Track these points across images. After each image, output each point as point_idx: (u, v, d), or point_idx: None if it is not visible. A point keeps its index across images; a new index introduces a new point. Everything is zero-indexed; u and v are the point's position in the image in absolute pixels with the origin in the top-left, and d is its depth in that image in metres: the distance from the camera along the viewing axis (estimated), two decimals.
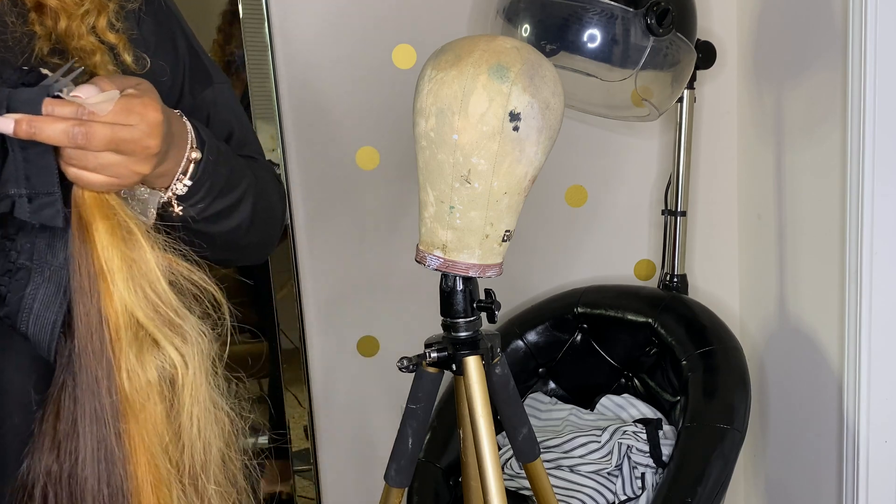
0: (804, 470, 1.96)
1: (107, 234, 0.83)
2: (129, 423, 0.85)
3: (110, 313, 0.83)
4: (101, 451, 0.85)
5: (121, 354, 0.84)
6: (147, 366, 0.85)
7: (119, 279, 0.83)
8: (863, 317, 1.66)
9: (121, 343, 0.84)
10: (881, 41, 1.55)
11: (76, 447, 0.85)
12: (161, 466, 0.87)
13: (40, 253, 0.85)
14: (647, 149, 2.14)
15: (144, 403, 0.86)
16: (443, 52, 1.21)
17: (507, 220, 1.24)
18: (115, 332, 0.84)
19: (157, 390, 0.86)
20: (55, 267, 0.85)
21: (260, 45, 1.97)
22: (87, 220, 0.83)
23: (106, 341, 0.84)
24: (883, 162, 1.59)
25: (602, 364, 2.05)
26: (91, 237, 0.83)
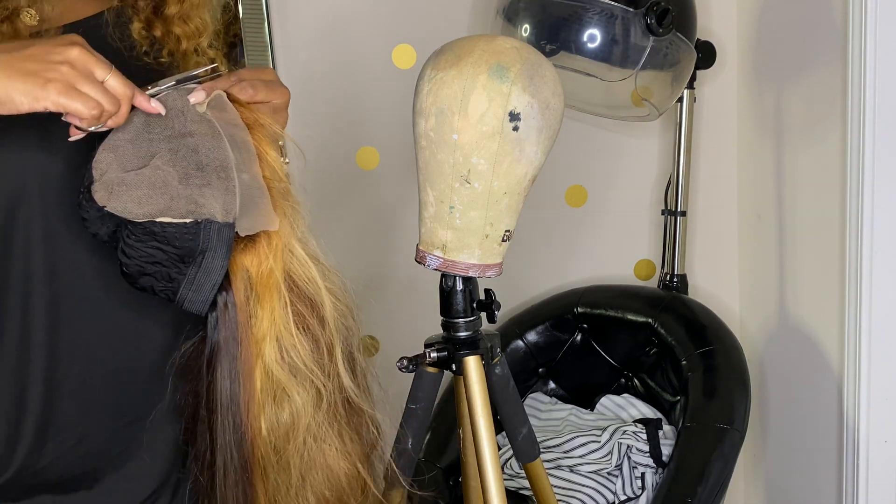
0: (804, 470, 1.96)
1: (269, 315, 0.95)
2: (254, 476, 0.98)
3: (256, 376, 0.95)
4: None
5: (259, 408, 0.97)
6: (283, 412, 0.98)
7: (268, 346, 0.95)
8: (863, 317, 1.66)
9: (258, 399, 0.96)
10: (881, 41, 1.55)
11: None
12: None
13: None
14: (647, 149, 2.14)
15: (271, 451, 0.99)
16: (442, 52, 1.21)
17: (507, 220, 1.24)
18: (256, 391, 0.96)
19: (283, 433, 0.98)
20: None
21: (260, 45, 1.97)
22: (258, 294, 0.95)
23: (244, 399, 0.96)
24: (883, 162, 1.59)
25: (602, 364, 2.05)
26: (256, 313, 0.95)
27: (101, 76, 0.85)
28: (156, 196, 0.87)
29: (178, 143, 0.90)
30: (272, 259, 0.95)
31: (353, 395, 1.02)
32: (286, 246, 0.96)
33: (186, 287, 0.91)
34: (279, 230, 0.95)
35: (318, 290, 0.99)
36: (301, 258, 0.98)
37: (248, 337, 0.95)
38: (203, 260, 0.90)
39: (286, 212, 0.97)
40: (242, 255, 0.94)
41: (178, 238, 0.88)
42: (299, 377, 0.97)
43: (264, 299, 0.95)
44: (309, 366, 0.97)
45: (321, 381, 0.98)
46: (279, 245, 0.95)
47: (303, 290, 0.98)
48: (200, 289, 0.92)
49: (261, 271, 0.94)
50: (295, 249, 0.97)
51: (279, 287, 0.95)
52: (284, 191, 0.98)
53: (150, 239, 0.88)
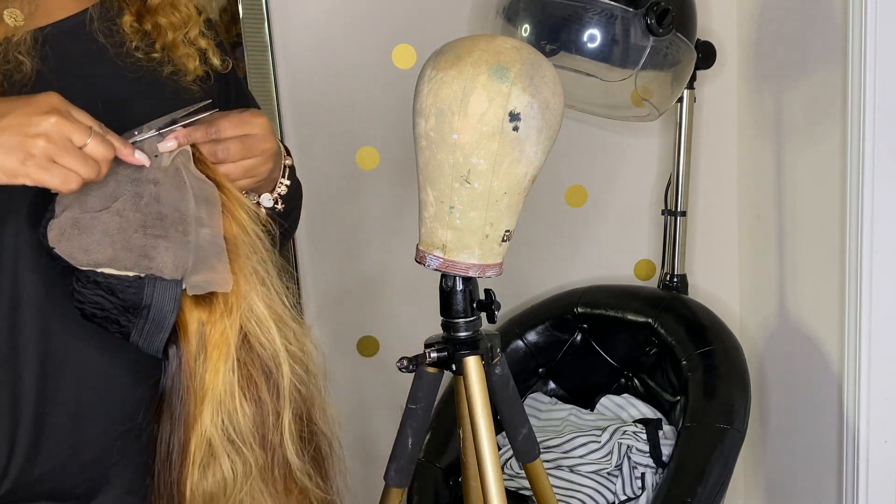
0: (804, 470, 1.96)
1: (213, 376, 0.92)
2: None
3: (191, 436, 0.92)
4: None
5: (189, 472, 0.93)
6: (207, 478, 0.94)
7: (207, 409, 0.92)
8: (863, 317, 1.66)
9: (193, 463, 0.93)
10: (881, 41, 1.55)
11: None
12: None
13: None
14: (647, 149, 2.14)
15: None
16: (442, 52, 1.21)
17: (507, 220, 1.24)
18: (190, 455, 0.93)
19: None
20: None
21: (260, 45, 1.97)
22: (206, 354, 0.92)
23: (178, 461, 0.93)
24: (883, 162, 1.59)
25: (602, 364, 2.05)
26: (201, 373, 0.92)
27: (81, 142, 0.83)
28: (104, 245, 0.86)
29: (143, 189, 0.89)
30: (226, 319, 0.91)
31: (296, 472, 0.98)
32: (246, 305, 0.93)
33: (136, 335, 0.90)
34: (239, 288, 0.92)
35: (275, 355, 0.95)
36: (262, 318, 0.94)
37: (191, 395, 0.92)
38: (149, 314, 0.88)
39: (253, 269, 0.94)
40: (196, 309, 0.91)
41: (120, 290, 0.87)
42: (235, 445, 0.93)
43: (211, 360, 0.92)
44: (247, 436, 0.94)
45: (257, 453, 0.95)
46: (236, 304, 0.92)
47: (258, 353, 0.94)
48: (150, 340, 0.90)
49: (212, 330, 0.91)
50: (256, 308, 0.94)
51: (229, 348, 0.92)
52: (253, 246, 0.95)
53: (95, 287, 0.87)
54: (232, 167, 0.95)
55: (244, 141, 0.95)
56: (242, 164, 0.96)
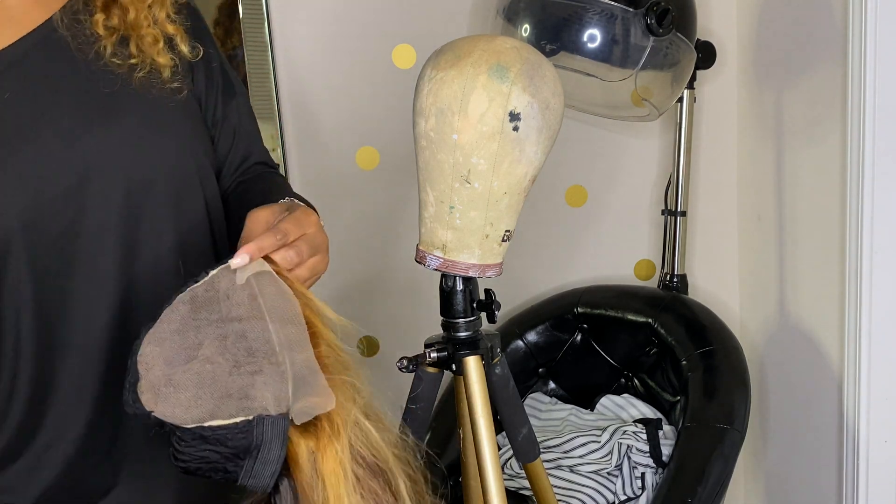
0: (804, 470, 1.96)
1: (338, 499, 0.86)
2: None
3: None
4: None
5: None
6: None
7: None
8: (863, 317, 1.66)
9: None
10: (881, 41, 1.55)
11: None
12: None
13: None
14: (647, 149, 2.14)
15: None
16: (442, 52, 1.21)
17: (507, 220, 1.24)
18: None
19: None
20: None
21: (260, 45, 1.97)
22: (322, 481, 0.87)
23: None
24: (883, 162, 1.59)
25: (602, 364, 2.05)
26: (323, 498, 0.86)
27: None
28: (205, 397, 0.82)
29: (226, 329, 0.85)
30: (336, 442, 0.87)
31: None
32: (350, 421, 0.88)
33: (245, 477, 0.85)
34: (340, 406, 0.87)
35: (386, 461, 0.90)
36: (366, 430, 0.89)
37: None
38: (259, 453, 0.84)
39: (346, 385, 0.89)
40: (304, 438, 0.86)
41: (230, 439, 0.83)
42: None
43: (331, 488, 0.86)
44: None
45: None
46: (342, 423, 0.87)
47: (371, 464, 0.89)
48: (259, 477, 0.85)
49: (324, 457, 0.86)
50: (360, 422, 0.89)
51: (345, 471, 0.86)
52: (344, 363, 0.91)
53: (202, 443, 0.83)
54: (302, 270, 0.93)
55: (307, 241, 0.93)
56: (309, 263, 0.94)
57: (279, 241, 0.89)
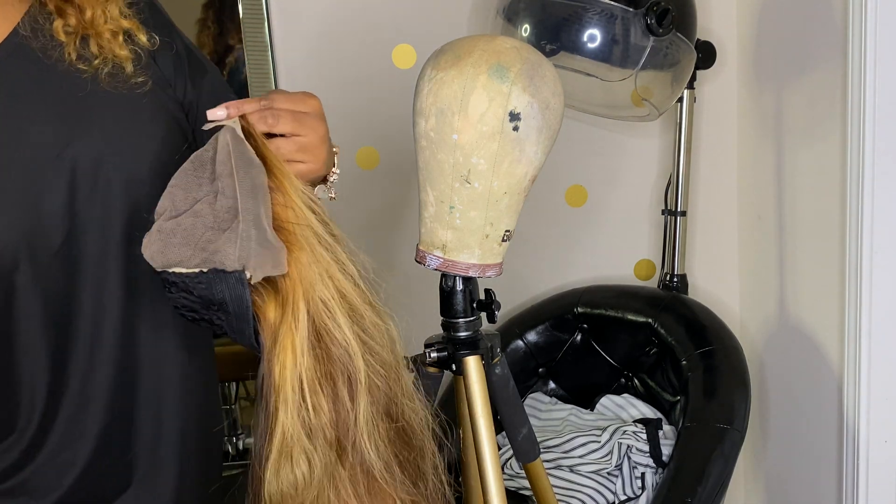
0: (804, 470, 1.96)
1: (288, 367, 0.89)
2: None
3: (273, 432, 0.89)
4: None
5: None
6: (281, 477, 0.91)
7: (282, 405, 0.89)
8: (863, 317, 1.66)
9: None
10: (881, 41, 1.55)
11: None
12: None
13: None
14: (647, 149, 2.14)
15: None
16: (442, 52, 1.21)
17: (507, 220, 1.24)
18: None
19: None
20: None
21: (260, 45, 1.97)
22: (280, 346, 0.90)
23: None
24: (883, 162, 1.59)
25: (602, 364, 2.05)
26: (275, 363, 0.89)
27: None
28: (182, 246, 0.87)
29: (215, 186, 0.90)
30: (290, 311, 0.89)
31: (378, 474, 0.93)
32: (314, 296, 0.90)
33: (230, 331, 0.91)
34: (300, 277, 0.89)
35: (347, 347, 0.91)
36: (332, 309, 0.91)
37: (271, 385, 0.89)
38: (228, 308, 0.88)
39: (317, 257, 0.91)
40: (269, 302, 0.89)
41: (192, 287, 0.88)
42: (312, 443, 0.90)
43: (279, 355, 0.89)
44: (323, 435, 0.90)
45: (333, 453, 0.91)
46: (299, 295, 0.89)
47: (329, 347, 0.91)
48: (241, 334, 0.90)
49: (280, 324, 0.89)
50: (325, 298, 0.91)
51: (294, 342, 0.89)
52: (315, 234, 0.92)
53: (174, 287, 0.88)
54: (284, 143, 0.94)
55: (296, 116, 0.94)
56: (296, 140, 0.94)
57: (262, 105, 0.92)
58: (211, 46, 1.99)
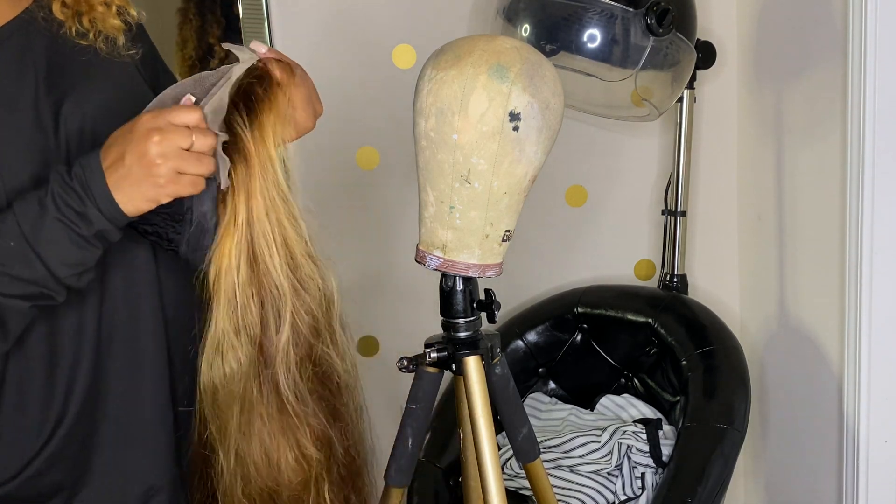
0: (804, 470, 1.96)
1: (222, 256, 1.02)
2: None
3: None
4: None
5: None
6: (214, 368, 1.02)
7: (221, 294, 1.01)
8: (863, 317, 1.65)
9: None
10: (881, 41, 1.55)
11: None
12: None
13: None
14: (647, 149, 2.14)
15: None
16: (443, 52, 1.21)
17: (507, 220, 1.24)
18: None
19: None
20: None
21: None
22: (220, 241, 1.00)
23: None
24: (883, 162, 1.59)
25: (602, 364, 2.05)
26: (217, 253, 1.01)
27: (187, 144, 0.92)
28: None
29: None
30: (233, 219, 0.98)
31: (286, 398, 1.02)
32: (259, 226, 0.99)
33: (185, 247, 1.00)
34: (253, 202, 0.99)
35: (279, 282, 1.01)
36: (271, 245, 1.00)
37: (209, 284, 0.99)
38: (193, 217, 0.98)
39: (271, 199, 1.00)
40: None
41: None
42: (239, 340, 0.99)
43: (221, 254, 0.98)
44: (249, 335, 0.99)
45: (256, 357, 1.00)
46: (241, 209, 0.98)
47: (261, 273, 1.00)
48: (197, 247, 1.00)
49: (225, 223, 0.99)
50: (267, 233, 1.00)
51: (235, 249, 0.98)
52: (276, 181, 1.02)
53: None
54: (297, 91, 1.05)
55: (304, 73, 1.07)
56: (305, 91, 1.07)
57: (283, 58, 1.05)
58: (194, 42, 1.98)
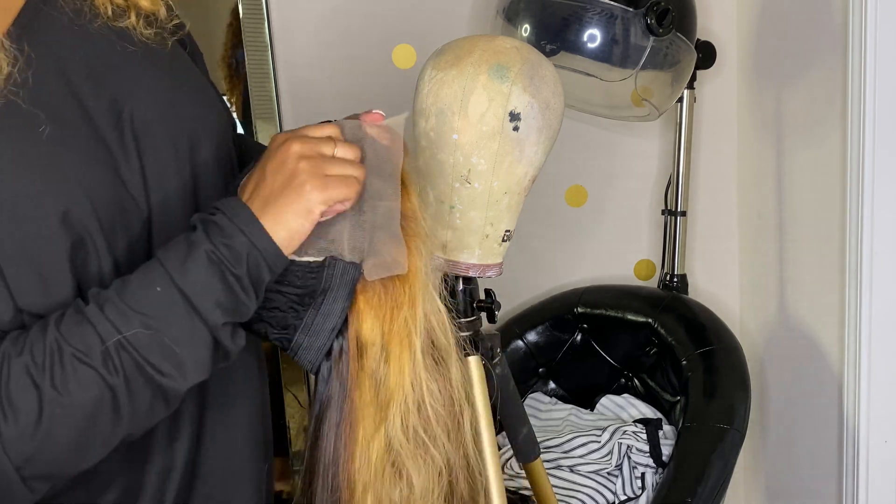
0: (804, 470, 1.96)
1: (399, 372, 0.84)
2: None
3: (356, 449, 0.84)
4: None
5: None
6: (392, 492, 0.85)
7: (395, 411, 0.84)
8: (863, 317, 1.65)
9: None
10: (881, 41, 1.55)
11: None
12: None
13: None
14: (647, 149, 2.14)
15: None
16: (443, 52, 1.21)
17: (507, 219, 1.24)
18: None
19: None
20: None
21: (260, 45, 1.97)
22: (387, 350, 0.84)
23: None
24: (883, 162, 1.59)
25: (602, 364, 2.05)
26: (384, 370, 0.84)
27: (331, 152, 0.82)
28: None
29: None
30: (407, 307, 0.83)
31: (477, 472, 0.89)
32: (424, 291, 0.85)
33: (303, 332, 0.85)
34: (418, 274, 0.84)
35: (447, 347, 0.86)
36: (437, 307, 0.86)
37: (356, 391, 0.83)
38: (323, 302, 0.83)
39: (422, 254, 0.86)
40: (367, 297, 0.83)
41: (300, 277, 0.82)
42: (423, 449, 0.84)
43: (393, 355, 0.83)
44: (440, 436, 0.84)
45: (448, 454, 0.85)
46: (416, 291, 0.84)
47: (434, 343, 0.86)
48: (318, 334, 0.84)
49: (394, 320, 0.83)
50: (432, 295, 0.86)
51: (412, 340, 0.83)
52: (425, 234, 0.88)
53: (282, 279, 0.83)
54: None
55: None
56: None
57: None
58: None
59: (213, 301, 0.77)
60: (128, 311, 0.76)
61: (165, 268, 0.78)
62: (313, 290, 0.82)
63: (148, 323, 0.76)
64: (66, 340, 0.75)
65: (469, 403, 0.88)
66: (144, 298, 0.77)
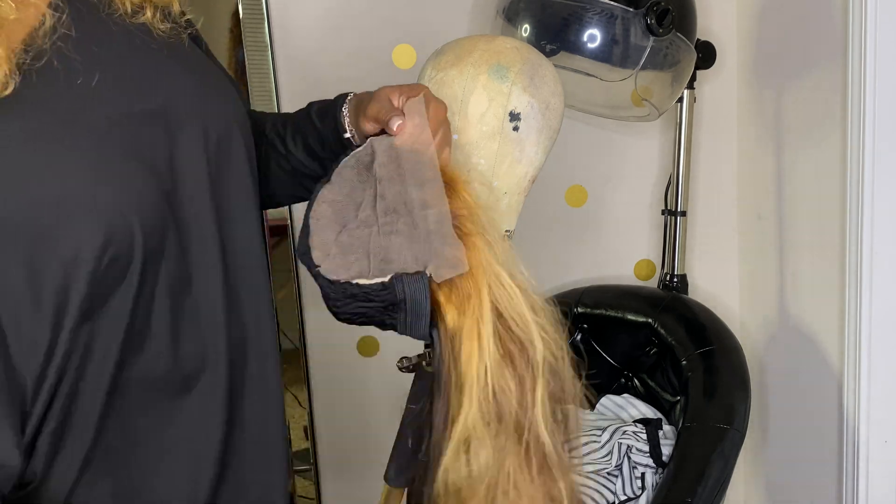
0: (804, 470, 1.96)
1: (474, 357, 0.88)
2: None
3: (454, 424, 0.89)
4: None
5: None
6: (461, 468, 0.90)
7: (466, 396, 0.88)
8: (863, 317, 1.65)
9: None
10: (881, 41, 1.55)
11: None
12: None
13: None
14: (647, 149, 2.14)
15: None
16: (443, 52, 1.21)
17: (507, 220, 1.24)
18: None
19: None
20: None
21: (260, 45, 1.97)
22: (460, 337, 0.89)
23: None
24: (883, 162, 1.59)
25: (602, 364, 2.04)
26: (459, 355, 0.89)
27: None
28: (360, 259, 0.88)
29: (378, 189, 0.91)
30: (474, 299, 0.88)
31: (550, 453, 0.91)
32: (494, 278, 0.89)
33: (402, 328, 0.91)
34: (482, 263, 0.89)
35: (527, 327, 0.90)
36: (510, 291, 0.90)
37: (451, 378, 0.89)
38: (407, 308, 0.89)
39: (491, 241, 0.91)
40: (446, 295, 0.88)
41: (375, 295, 0.88)
42: (495, 427, 0.88)
43: (465, 346, 0.88)
44: (507, 418, 0.88)
45: (513, 435, 0.89)
46: (482, 280, 0.88)
47: (511, 327, 0.90)
48: (414, 329, 0.90)
49: (462, 314, 0.88)
50: (504, 279, 0.90)
51: (481, 330, 0.87)
52: (486, 224, 0.92)
53: (352, 300, 0.89)
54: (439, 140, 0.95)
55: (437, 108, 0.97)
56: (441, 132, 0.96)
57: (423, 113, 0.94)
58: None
59: None
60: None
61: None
62: (392, 302, 0.89)
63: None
64: None
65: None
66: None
